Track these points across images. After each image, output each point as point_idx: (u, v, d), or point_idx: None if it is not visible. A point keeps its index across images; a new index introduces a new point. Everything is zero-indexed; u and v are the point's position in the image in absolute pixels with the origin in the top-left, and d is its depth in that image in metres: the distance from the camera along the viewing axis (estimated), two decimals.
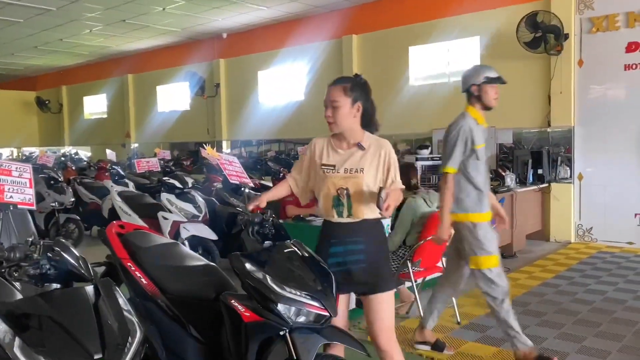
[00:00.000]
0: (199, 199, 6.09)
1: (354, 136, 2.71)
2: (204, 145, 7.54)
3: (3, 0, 9.89)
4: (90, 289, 1.87)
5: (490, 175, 8.89)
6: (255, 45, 12.36)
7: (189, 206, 5.89)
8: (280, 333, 2.37)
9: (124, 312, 1.85)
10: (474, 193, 3.42)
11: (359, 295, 2.82)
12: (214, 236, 5.76)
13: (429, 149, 8.80)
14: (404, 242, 4.22)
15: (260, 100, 12.51)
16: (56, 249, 1.88)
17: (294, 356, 2.33)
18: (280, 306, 2.32)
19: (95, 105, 17.72)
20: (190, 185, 6.29)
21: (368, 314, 2.70)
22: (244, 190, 3.78)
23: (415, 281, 4.16)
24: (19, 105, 19.39)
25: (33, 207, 2.63)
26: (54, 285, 1.87)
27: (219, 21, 11.63)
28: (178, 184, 6.17)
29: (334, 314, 2.37)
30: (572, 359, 3.67)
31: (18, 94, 19.52)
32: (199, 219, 5.93)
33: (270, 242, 2.52)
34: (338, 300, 2.52)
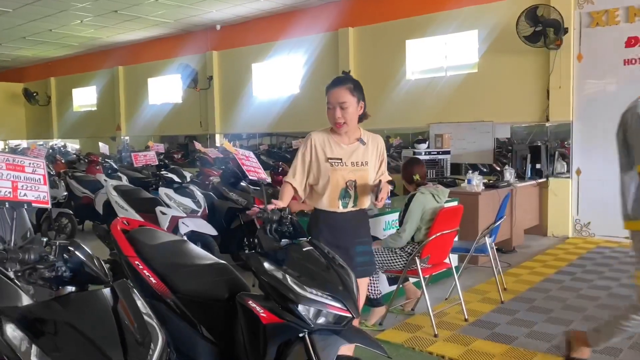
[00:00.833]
0: (198, 193, 5.96)
1: (354, 132, 2.92)
2: (224, 139, 7.39)
3: None
4: (107, 291, 1.77)
5: (486, 170, 8.95)
6: (249, 37, 12.18)
7: (187, 201, 5.76)
8: (300, 335, 2.29)
9: (144, 316, 1.76)
10: None
11: None
12: (213, 232, 5.64)
13: (427, 143, 8.74)
14: (412, 239, 4.14)
15: (255, 93, 12.36)
16: (71, 249, 1.77)
17: (314, 358, 2.25)
18: (301, 307, 2.23)
19: (84, 98, 17.42)
20: (188, 179, 6.17)
21: None
22: (262, 184, 3.73)
23: (424, 277, 4.09)
24: (5, 96, 19.05)
25: (48, 206, 2.50)
26: (69, 288, 1.76)
27: (213, 12, 11.45)
28: (176, 178, 6.03)
29: (357, 315, 2.29)
30: None
31: (5, 85, 19.16)
32: (198, 214, 5.81)
33: (288, 240, 2.43)
34: (360, 301, 2.45)
